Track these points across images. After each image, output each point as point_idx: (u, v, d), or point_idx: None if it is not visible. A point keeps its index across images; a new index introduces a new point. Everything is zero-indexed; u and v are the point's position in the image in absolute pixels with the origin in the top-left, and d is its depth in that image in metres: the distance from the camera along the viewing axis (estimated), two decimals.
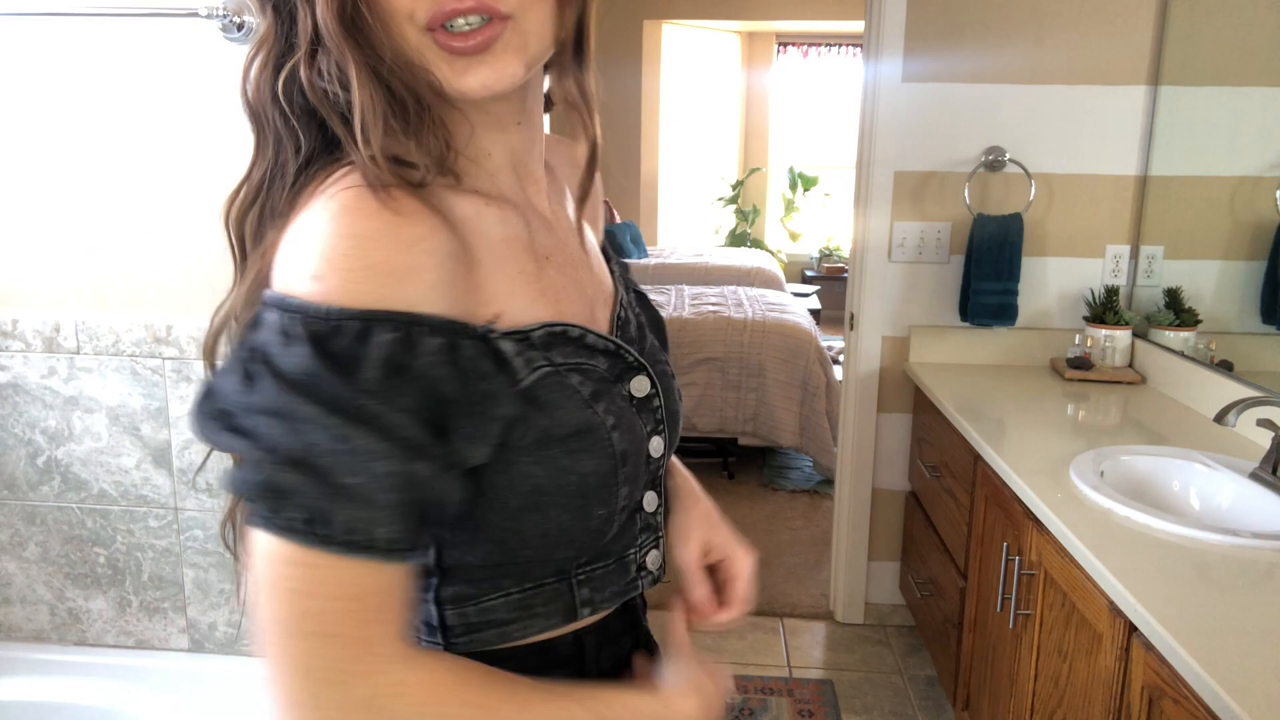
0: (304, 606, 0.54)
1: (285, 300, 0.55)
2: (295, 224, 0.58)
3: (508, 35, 0.60)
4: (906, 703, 2.45)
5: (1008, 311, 2.55)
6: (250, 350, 0.55)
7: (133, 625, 1.80)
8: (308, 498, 0.53)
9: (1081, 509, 1.53)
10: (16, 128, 1.63)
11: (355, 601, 0.54)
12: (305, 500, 0.53)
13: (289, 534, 0.53)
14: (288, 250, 0.57)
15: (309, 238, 0.56)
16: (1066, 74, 2.48)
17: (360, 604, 0.54)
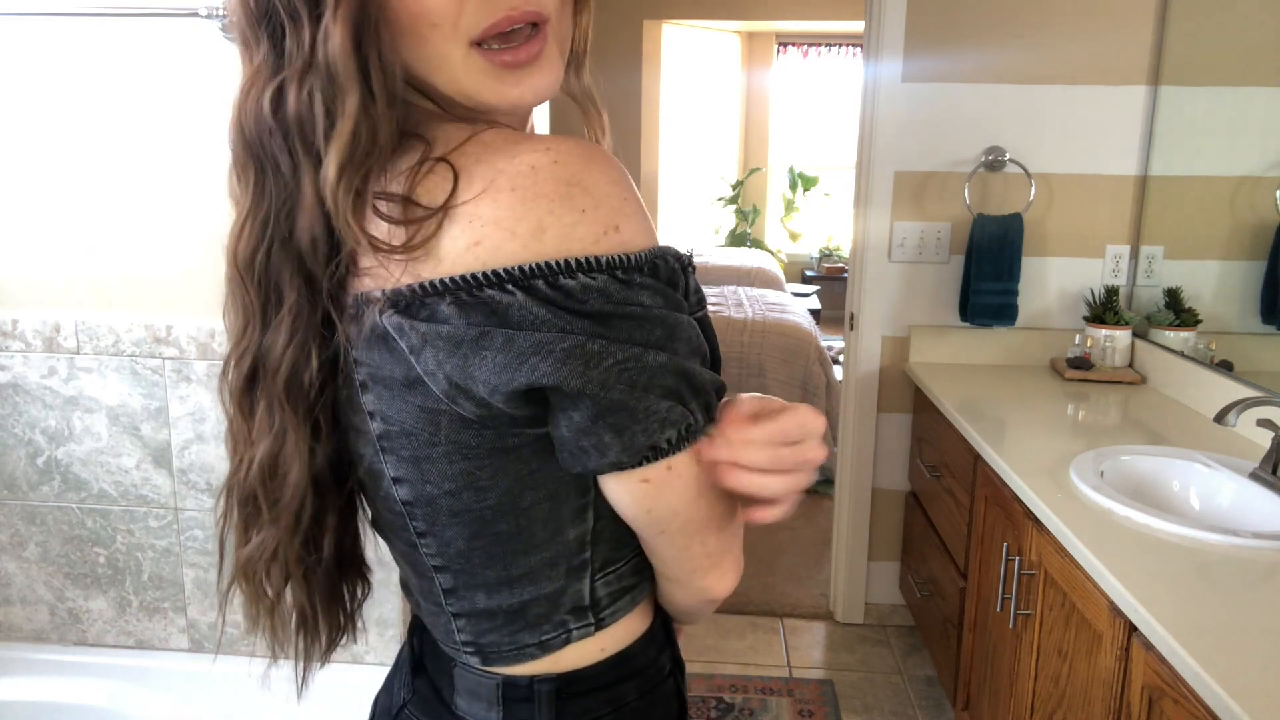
0: (701, 509, 0.63)
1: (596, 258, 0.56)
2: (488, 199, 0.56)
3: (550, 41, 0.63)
4: (906, 703, 2.45)
5: (1008, 311, 2.55)
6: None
7: (133, 625, 1.80)
8: (703, 409, 0.60)
9: (1081, 509, 1.53)
10: (17, 128, 1.63)
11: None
12: (702, 408, 0.60)
13: (688, 439, 0.60)
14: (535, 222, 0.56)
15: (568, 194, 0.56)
16: (1066, 74, 2.48)
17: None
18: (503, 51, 0.60)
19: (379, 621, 1.74)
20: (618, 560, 0.67)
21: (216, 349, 1.65)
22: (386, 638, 1.74)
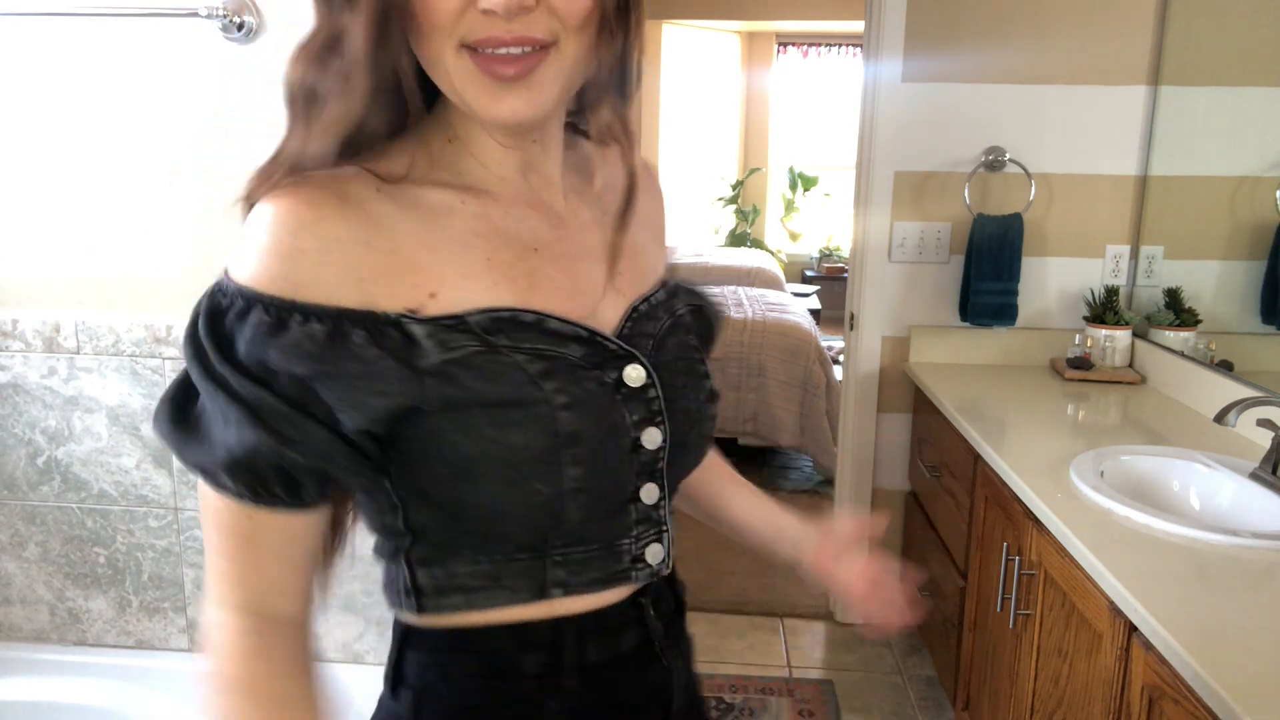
0: (208, 534, 0.67)
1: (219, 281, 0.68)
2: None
3: (548, 64, 0.63)
4: (906, 703, 2.45)
5: (1008, 311, 2.55)
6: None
7: (133, 625, 1.80)
8: (199, 454, 0.64)
9: (1081, 509, 1.53)
10: (17, 128, 1.63)
11: (232, 538, 0.66)
12: (198, 457, 0.64)
13: (202, 477, 0.65)
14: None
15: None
16: (1066, 74, 2.48)
17: (231, 539, 0.66)
18: (492, 59, 0.62)
19: (379, 621, 1.74)
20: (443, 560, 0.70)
21: None
22: (386, 638, 1.74)
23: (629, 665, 0.73)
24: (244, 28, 1.53)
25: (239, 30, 1.53)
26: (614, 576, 0.72)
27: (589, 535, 0.70)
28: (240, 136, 1.59)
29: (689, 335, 0.79)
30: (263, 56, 1.56)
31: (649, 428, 0.71)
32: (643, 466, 0.71)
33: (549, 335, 0.66)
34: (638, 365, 0.70)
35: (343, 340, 0.61)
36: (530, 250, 0.70)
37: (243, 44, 1.55)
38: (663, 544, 0.74)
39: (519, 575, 0.69)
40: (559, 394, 0.65)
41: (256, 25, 1.54)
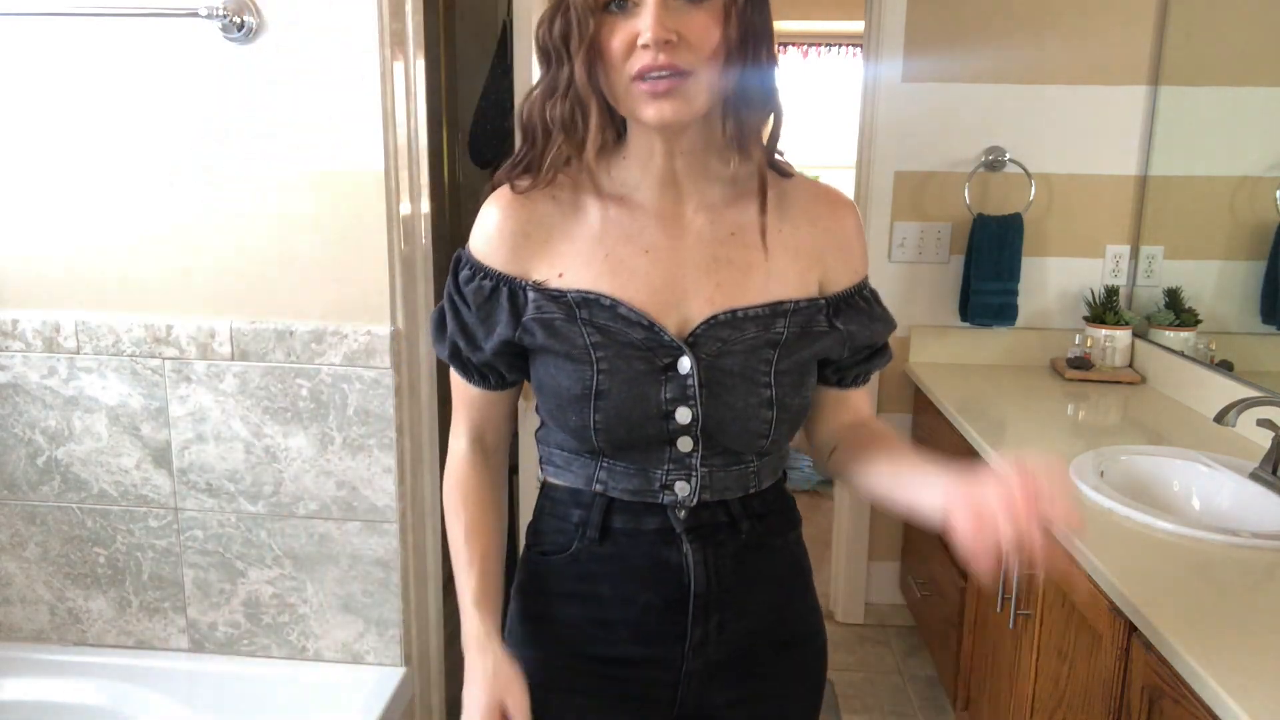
0: (453, 392, 1.06)
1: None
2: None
3: (685, 86, 0.87)
4: (906, 703, 2.45)
5: (1008, 311, 2.55)
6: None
7: (133, 625, 1.80)
8: (440, 348, 1.03)
9: (1081, 509, 1.53)
10: (16, 128, 1.63)
11: (459, 392, 1.05)
12: (440, 350, 1.03)
13: (447, 360, 1.03)
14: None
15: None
16: (1066, 74, 2.48)
17: (461, 397, 1.05)
18: (651, 82, 0.87)
19: (379, 621, 1.74)
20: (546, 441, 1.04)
21: (216, 349, 1.65)
22: (386, 638, 1.74)
23: (646, 540, 0.99)
24: (244, 28, 1.53)
25: (239, 30, 1.53)
26: (645, 491, 0.98)
27: (625, 459, 0.97)
28: (240, 136, 1.59)
29: (774, 350, 0.95)
30: (263, 56, 1.56)
31: (681, 406, 0.94)
32: (676, 429, 0.95)
33: (619, 318, 0.93)
34: (687, 357, 0.93)
35: (494, 294, 0.97)
36: (642, 251, 0.95)
37: (243, 44, 1.55)
38: (689, 484, 0.98)
39: (578, 467, 1.00)
40: (602, 361, 0.93)
41: (256, 25, 1.54)
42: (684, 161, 0.95)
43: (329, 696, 1.67)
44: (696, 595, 0.99)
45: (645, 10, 0.85)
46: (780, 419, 0.96)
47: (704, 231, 0.96)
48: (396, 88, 1.58)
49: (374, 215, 1.60)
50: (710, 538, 0.99)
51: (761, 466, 1.01)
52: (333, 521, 1.70)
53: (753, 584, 1.02)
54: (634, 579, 1.00)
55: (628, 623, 1.00)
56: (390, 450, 1.66)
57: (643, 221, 0.96)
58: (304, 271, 1.63)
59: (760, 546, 1.02)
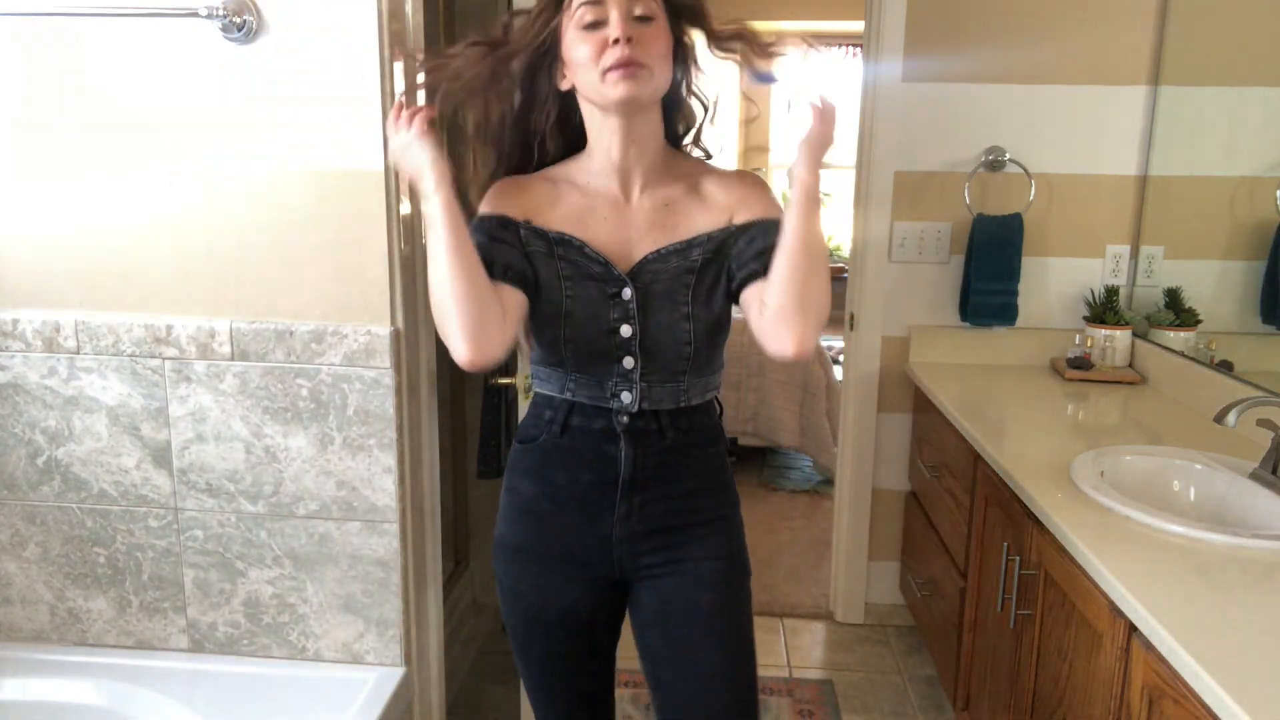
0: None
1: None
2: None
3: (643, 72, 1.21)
4: (906, 703, 2.45)
5: (1008, 311, 2.55)
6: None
7: (133, 625, 1.80)
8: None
9: (1081, 509, 1.54)
10: (16, 128, 1.63)
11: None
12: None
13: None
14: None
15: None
16: (1066, 74, 2.48)
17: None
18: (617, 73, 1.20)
19: (379, 621, 1.74)
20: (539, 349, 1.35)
21: (216, 349, 1.65)
22: (386, 638, 1.74)
23: (593, 436, 1.31)
24: (244, 28, 1.53)
25: (239, 30, 1.53)
26: (599, 397, 1.30)
27: (585, 372, 1.29)
28: (240, 136, 1.59)
29: (692, 275, 1.28)
30: (263, 56, 1.56)
31: (624, 324, 1.27)
32: (621, 343, 1.28)
33: (585, 256, 1.27)
34: (628, 288, 1.27)
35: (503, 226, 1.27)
36: (601, 218, 1.30)
37: (243, 44, 1.55)
38: (632, 394, 1.29)
39: (554, 379, 1.32)
40: (569, 287, 1.27)
41: (256, 25, 1.54)
42: (634, 151, 1.28)
43: (329, 696, 1.67)
44: (624, 480, 1.31)
45: (613, 21, 1.20)
46: (696, 329, 1.28)
47: (645, 207, 1.31)
48: (397, 88, 1.58)
49: (374, 215, 1.60)
50: (641, 439, 1.31)
51: (690, 385, 1.32)
52: (333, 521, 1.71)
53: (669, 478, 1.33)
54: (580, 464, 1.32)
55: (573, 496, 1.33)
56: (390, 450, 1.66)
57: (603, 199, 1.30)
58: (304, 272, 1.63)
59: (680, 451, 1.33)
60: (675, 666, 1.35)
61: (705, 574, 1.34)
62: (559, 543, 1.35)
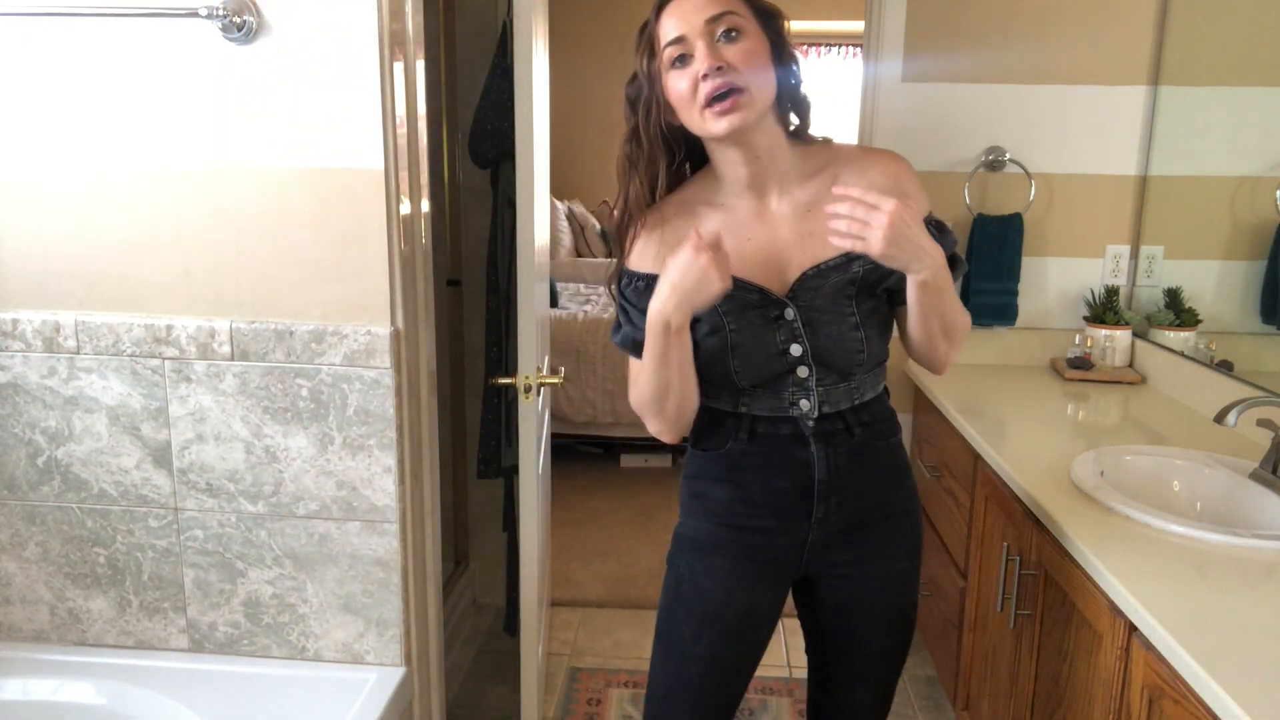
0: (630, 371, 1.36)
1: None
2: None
3: (742, 99, 1.18)
4: (906, 703, 2.45)
5: (1008, 311, 2.55)
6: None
7: (133, 625, 1.80)
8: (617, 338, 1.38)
9: (1082, 509, 1.53)
10: (17, 128, 1.63)
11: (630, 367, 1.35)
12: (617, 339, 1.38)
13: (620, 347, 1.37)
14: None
15: None
16: (1066, 74, 2.48)
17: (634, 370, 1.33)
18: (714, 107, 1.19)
19: (379, 621, 1.74)
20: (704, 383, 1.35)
21: (216, 349, 1.65)
22: (386, 638, 1.74)
23: (782, 441, 1.32)
24: (244, 28, 1.53)
25: (239, 30, 1.53)
26: (778, 408, 1.31)
27: (759, 389, 1.31)
28: (240, 136, 1.59)
29: (854, 286, 1.27)
30: (263, 56, 1.56)
31: (793, 343, 1.28)
32: (793, 360, 1.29)
33: (739, 289, 1.24)
34: (790, 308, 1.27)
35: (648, 290, 1.25)
36: (745, 239, 1.28)
37: (243, 44, 1.55)
38: (809, 400, 1.30)
39: (726, 396, 1.34)
40: (731, 321, 1.27)
41: (256, 25, 1.54)
42: (759, 165, 1.27)
43: (329, 696, 1.67)
44: (819, 482, 1.32)
45: (698, 54, 1.19)
46: (868, 335, 1.29)
47: (787, 214, 1.29)
48: (396, 88, 1.58)
49: (374, 215, 1.60)
50: (830, 440, 1.32)
51: (862, 382, 1.33)
52: (333, 521, 1.71)
53: (862, 474, 1.34)
54: (773, 470, 1.33)
55: (767, 502, 1.33)
56: (390, 450, 1.66)
57: (742, 219, 1.29)
58: (304, 271, 1.63)
59: (868, 447, 1.35)
60: (847, 649, 1.44)
61: (894, 573, 1.40)
62: (753, 544, 1.36)
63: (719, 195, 1.30)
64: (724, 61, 1.17)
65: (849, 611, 1.41)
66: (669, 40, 1.20)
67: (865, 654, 1.43)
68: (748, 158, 1.25)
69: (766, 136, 1.25)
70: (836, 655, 1.46)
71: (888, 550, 1.39)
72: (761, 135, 1.24)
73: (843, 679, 1.46)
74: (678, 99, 1.21)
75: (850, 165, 1.30)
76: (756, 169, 1.26)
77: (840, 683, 1.47)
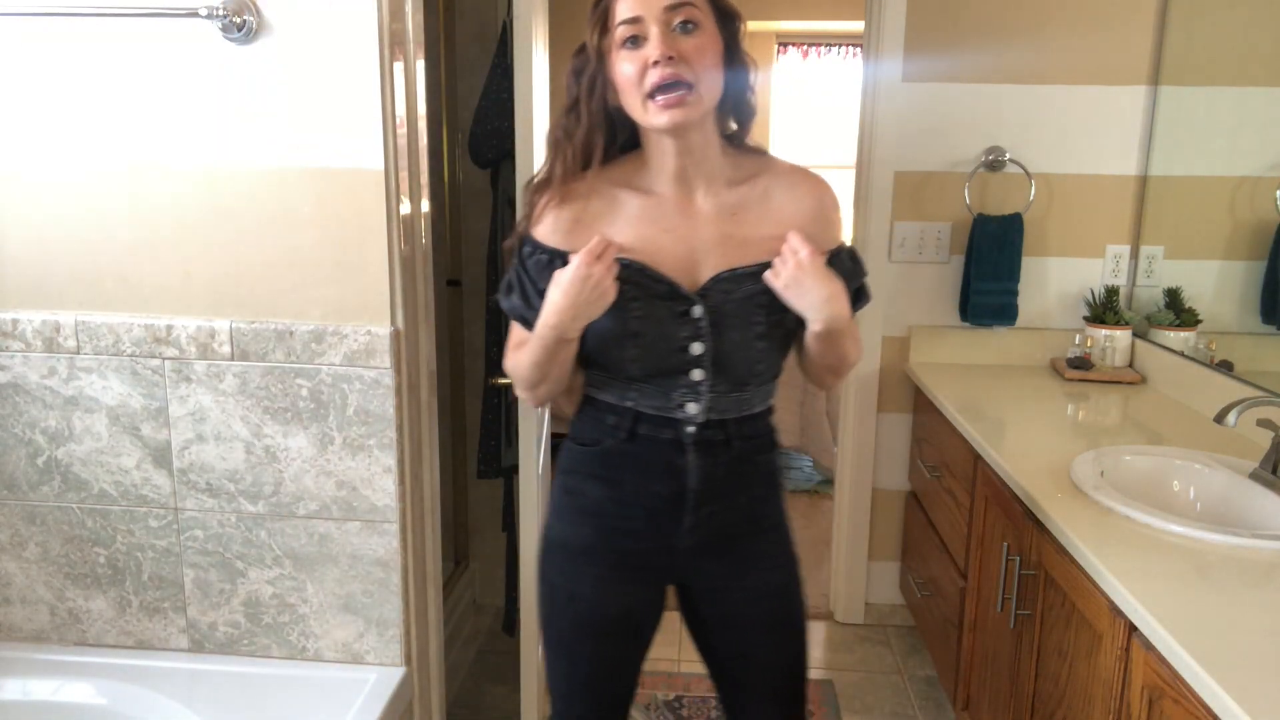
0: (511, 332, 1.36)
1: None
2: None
3: (690, 96, 1.16)
4: (906, 703, 2.45)
5: (1008, 311, 2.55)
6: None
7: (133, 625, 1.80)
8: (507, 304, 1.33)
9: (1081, 509, 1.54)
10: (16, 128, 1.63)
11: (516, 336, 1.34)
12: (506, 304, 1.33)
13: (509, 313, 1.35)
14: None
15: None
16: (1066, 74, 2.48)
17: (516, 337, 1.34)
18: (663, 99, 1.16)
19: (379, 621, 1.74)
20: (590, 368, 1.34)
21: (216, 349, 1.65)
22: (386, 638, 1.74)
23: (662, 445, 1.29)
24: (244, 28, 1.53)
25: (239, 30, 1.53)
26: (664, 407, 1.28)
27: (650, 383, 1.27)
28: (240, 136, 1.59)
29: (767, 296, 1.24)
30: (263, 56, 1.56)
31: (695, 341, 1.24)
32: (691, 360, 1.25)
33: (648, 278, 1.23)
34: (698, 306, 1.24)
35: (549, 265, 1.24)
36: (664, 230, 1.25)
37: (243, 44, 1.55)
38: (697, 404, 1.27)
39: (614, 387, 1.30)
40: (635, 308, 1.23)
41: (256, 25, 1.54)
42: (691, 160, 1.24)
43: (329, 696, 1.67)
44: (693, 491, 1.30)
45: (652, 39, 1.15)
46: (770, 348, 1.27)
47: (710, 214, 1.26)
48: (396, 88, 1.58)
49: (374, 215, 1.60)
50: (709, 450, 1.29)
51: (754, 394, 1.31)
52: (333, 521, 1.70)
53: (736, 487, 1.33)
54: (649, 473, 1.31)
55: (640, 504, 1.31)
56: (390, 450, 1.66)
57: (664, 209, 1.26)
58: (304, 271, 1.63)
59: (745, 461, 1.33)
60: (740, 661, 1.42)
61: (770, 584, 1.38)
62: (622, 545, 1.34)
63: (645, 180, 1.27)
64: (676, 52, 1.14)
65: (730, 624, 1.39)
66: (624, 19, 1.16)
67: (760, 668, 1.41)
68: (680, 150, 1.23)
69: (703, 135, 1.23)
70: (732, 670, 1.44)
71: (760, 563, 1.37)
72: (698, 133, 1.22)
73: (748, 697, 1.44)
74: (623, 81, 1.18)
75: (781, 181, 1.29)
76: (687, 163, 1.24)
77: (746, 700, 1.44)
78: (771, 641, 1.40)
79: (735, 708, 1.46)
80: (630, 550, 1.34)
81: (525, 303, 1.28)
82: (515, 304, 1.31)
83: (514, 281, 1.30)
